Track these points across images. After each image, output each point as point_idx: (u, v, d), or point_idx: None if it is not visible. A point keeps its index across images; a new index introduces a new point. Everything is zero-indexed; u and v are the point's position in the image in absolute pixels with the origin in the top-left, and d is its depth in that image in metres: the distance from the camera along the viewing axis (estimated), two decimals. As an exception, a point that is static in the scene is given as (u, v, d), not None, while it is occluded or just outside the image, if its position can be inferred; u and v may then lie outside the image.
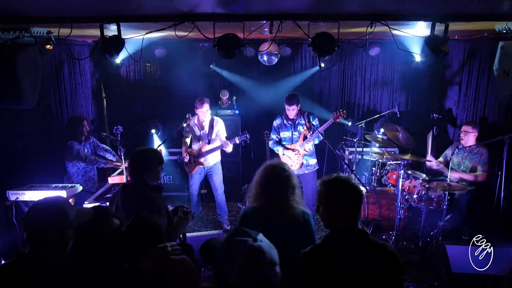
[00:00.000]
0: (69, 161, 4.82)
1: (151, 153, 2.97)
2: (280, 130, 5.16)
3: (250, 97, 6.84)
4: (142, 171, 2.87)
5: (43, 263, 1.83)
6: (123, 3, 3.01)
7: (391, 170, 5.08)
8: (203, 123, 5.31)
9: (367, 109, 6.98)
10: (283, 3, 3.07)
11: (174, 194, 6.40)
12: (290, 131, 5.08)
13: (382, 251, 1.87)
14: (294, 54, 6.62)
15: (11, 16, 3.24)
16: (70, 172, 4.84)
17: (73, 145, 4.73)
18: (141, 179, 2.88)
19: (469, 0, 2.92)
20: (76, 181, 4.77)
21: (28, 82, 3.32)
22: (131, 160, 2.91)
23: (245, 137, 5.14)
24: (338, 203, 1.89)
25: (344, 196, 1.89)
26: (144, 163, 2.88)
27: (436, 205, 4.71)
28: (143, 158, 2.90)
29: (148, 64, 6.88)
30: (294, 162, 5.03)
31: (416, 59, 6.08)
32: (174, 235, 2.83)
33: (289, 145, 5.10)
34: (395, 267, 1.86)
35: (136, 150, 2.96)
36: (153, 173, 2.90)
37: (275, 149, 5.17)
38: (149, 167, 2.88)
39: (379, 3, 3.04)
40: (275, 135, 5.20)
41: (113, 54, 3.46)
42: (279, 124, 5.16)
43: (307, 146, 5.01)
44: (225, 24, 3.41)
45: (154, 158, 2.93)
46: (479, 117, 5.39)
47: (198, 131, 5.34)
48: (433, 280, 4.08)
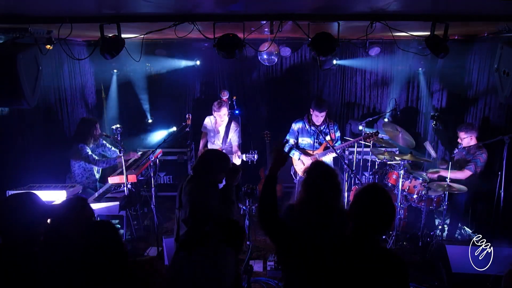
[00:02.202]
0: (76, 161, 4.82)
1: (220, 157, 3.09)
2: (300, 135, 4.89)
3: (250, 97, 6.84)
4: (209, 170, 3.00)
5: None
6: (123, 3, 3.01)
7: (391, 170, 5.08)
8: (219, 126, 5.26)
9: (367, 109, 6.98)
10: (283, 3, 3.07)
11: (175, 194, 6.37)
12: (312, 138, 4.81)
13: (390, 260, 1.88)
14: (294, 54, 6.62)
15: (11, 16, 3.25)
16: (75, 172, 4.83)
17: (84, 148, 4.69)
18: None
19: (469, 0, 2.92)
20: (80, 180, 4.77)
21: (28, 82, 3.32)
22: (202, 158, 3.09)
23: (252, 156, 4.87)
24: (363, 216, 1.89)
25: (370, 211, 1.88)
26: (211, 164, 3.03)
27: (436, 205, 4.72)
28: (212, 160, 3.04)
29: (148, 64, 6.88)
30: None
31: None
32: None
33: (309, 150, 4.85)
34: (400, 277, 1.87)
35: (208, 150, 3.20)
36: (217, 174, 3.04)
37: (291, 153, 4.89)
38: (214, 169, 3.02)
39: (379, 3, 3.04)
40: (292, 139, 4.90)
41: (113, 54, 3.46)
42: (300, 128, 4.88)
43: (326, 157, 4.78)
44: (225, 24, 3.41)
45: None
46: (479, 117, 5.39)
47: (213, 133, 5.31)
48: (433, 280, 4.08)
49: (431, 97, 6.65)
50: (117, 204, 4.29)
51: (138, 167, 4.97)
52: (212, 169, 2.98)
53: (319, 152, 4.81)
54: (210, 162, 3.01)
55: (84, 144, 4.72)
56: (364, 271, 1.83)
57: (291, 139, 4.92)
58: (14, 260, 1.90)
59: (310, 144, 4.86)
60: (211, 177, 3.00)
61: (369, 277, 1.82)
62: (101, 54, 3.47)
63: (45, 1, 2.82)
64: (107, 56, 3.46)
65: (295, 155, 4.90)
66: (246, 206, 3.60)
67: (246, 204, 3.60)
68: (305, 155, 4.84)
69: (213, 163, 3.00)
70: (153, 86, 6.91)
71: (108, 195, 4.55)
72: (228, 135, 5.24)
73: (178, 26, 3.35)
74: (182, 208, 2.97)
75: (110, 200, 4.36)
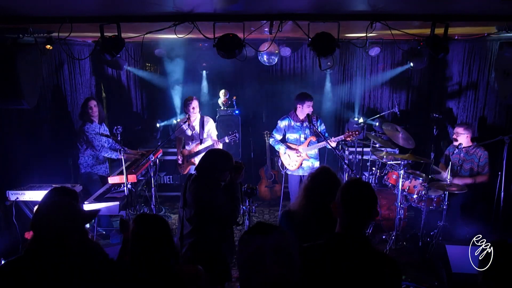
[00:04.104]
0: (84, 151, 5.03)
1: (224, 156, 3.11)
2: (288, 132, 5.15)
3: (250, 97, 6.84)
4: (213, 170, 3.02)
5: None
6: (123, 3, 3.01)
7: (391, 170, 5.08)
8: (193, 122, 5.33)
9: (367, 109, 6.98)
10: (283, 3, 3.07)
11: (174, 194, 6.39)
12: (298, 134, 5.08)
13: (381, 261, 1.85)
14: (294, 54, 6.62)
15: (11, 16, 3.24)
16: (84, 163, 5.06)
17: (87, 127, 4.97)
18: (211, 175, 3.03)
19: (469, 0, 2.92)
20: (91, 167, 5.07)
21: (28, 82, 3.32)
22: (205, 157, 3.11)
23: (234, 136, 5.16)
24: (345, 206, 1.86)
25: (351, 200, 1.86)
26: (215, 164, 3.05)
27: (436, 205, 4.71)
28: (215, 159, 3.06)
29: (148, 64, 6.88)
30: (293, 162, 5.07)
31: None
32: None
33: (293, 145, 5.12)
34: (391, 278, 1.84)
35: (212, 149, 3.20)
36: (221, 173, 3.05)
37: (276, 147, 5.19)
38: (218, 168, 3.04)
39: (379, 3, 3.04)
40: (278, 134, 5.19)
41: (113, 54, 3.46)
42: (286, 125, 5.13)
43: (311, 151, 5.07)
44: (225, 24, 3.41)
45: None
46: (479, 117, 5.39)
47: (189, 131, 5.35)
48: (433, 280, 4.08)
49: (431, 97, 6.66)
50: (117, 204, 4.29)
51: (138, 167, 4.97)
52: (216, 169, 3.01)
53: (304, 146, 5.07)
54: (214, 162, 3.03)
55: (88, 122, 4.99)
56: (355, 273, 1.80)
57: (276, 134, 5.21)
58: (46, 266, 1.90)
59: (296, 139, 5.12)
60: (216, 177, 3.02)
61: (361, 279, 1.80)
62: (101, 54, 3.47)
63: (45, 1, 2.82)
64: (107, 56, 3.46)
65: (280, 149, 5.16)
66: (246, 206, 3.60)
67: (246, 204, 3.60)
68: (290, 149, 5.09)
69: (217, 163, 3.02)
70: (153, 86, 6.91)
71: (108, 195, 4.55)
72: (204, 128, 5.35)
73: (178, 26, 3.35)
74: (186, 207, 2.98)
75: (110, 200, 4.37)
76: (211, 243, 2.98)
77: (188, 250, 2.96)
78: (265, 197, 6.25)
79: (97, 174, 5.11)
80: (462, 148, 4.76)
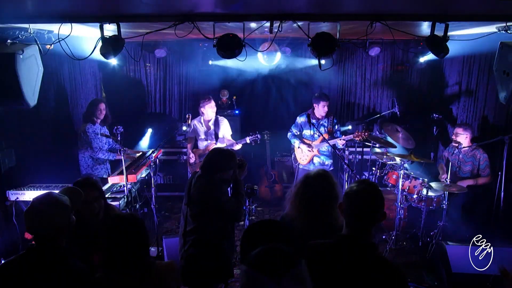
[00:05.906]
0: (84, 151, 4.99)
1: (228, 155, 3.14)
2: (304, 128, 5.39)
3: (250, 97, 6.83)
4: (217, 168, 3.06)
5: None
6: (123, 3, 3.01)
7: (391, 170, 5.08)
8: (208, 122, 5.33)
9: (367, 109, 6.98)
10: (283, 3, 3.07)
11: (174, 194, 6.39)
12: (313, 130, 5.28)
13: (386, 270, 1.82)
14: (294, 54, 6.62)
15: (11, 16, 3.24)
16: (84, 164, 5.04)
17: (88, 127, 4.93)
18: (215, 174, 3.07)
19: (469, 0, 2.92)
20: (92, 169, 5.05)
21: (28, 82, 3.32)
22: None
23: (256, 137, 5.31)
24: (352, 209, 1.86)
25: (358, 203, 1.85)
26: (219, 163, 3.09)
27: (436, 205, 4.71)
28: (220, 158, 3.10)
29: (148, 64, 6.88)
30: (304, 156, 5.35)
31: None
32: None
33: (307, 140, 5.36)
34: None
35: (215, 148, 3.24)
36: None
37: (292, 141, 5.46)
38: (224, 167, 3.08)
39: (379, 3, 3.04)
40: (295, 129, 5.46)
41: (113, 54, 3.46)
42: (304, 122, 5.36)
43: (322, 148, 5.29)
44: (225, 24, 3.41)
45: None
46: (479, 117, 5.39)
47: (203, 130, 5.35)
48: (433, 280, 4.08)
49: (432, 97, 6.65)
50: (117, 204, 4.29)
51: (138, 167, 4.97)
52: (221, 168, 3.04)
53: (317, 143, 5.29)
54: (218, 161, 3.06)
55: (90, 123, 4.95)
56: (360, 280, 1.78)
57: (294, 129, 5.48)
58: (48, 259, 1.98)
59: (310, 136, 5.36)
60: (221, 175, 3.05)
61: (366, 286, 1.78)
62: (101, 54, 3.47)
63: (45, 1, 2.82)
64: (107, 56, 3.46)
65: (295, 143, 5.42)
66: (246, 206, 3.61)
67: (246, 204, 3.60)
68: (304, 144, 5.33)
69: (221, 162, 3.06)
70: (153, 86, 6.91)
71: (108, 195, 4.54)
72: (219, 128, 5.38)
73: (178, 26, 3.35)
74: (191, 204, 3.00)
75: (110, 200, 4.35)
76: (213, 240, 3.00)
77: (191, 246, 2.99)
78: (265, 197, 6.24)
79: (97, 176, 5.07)
80: (461, 149, 4.76)
